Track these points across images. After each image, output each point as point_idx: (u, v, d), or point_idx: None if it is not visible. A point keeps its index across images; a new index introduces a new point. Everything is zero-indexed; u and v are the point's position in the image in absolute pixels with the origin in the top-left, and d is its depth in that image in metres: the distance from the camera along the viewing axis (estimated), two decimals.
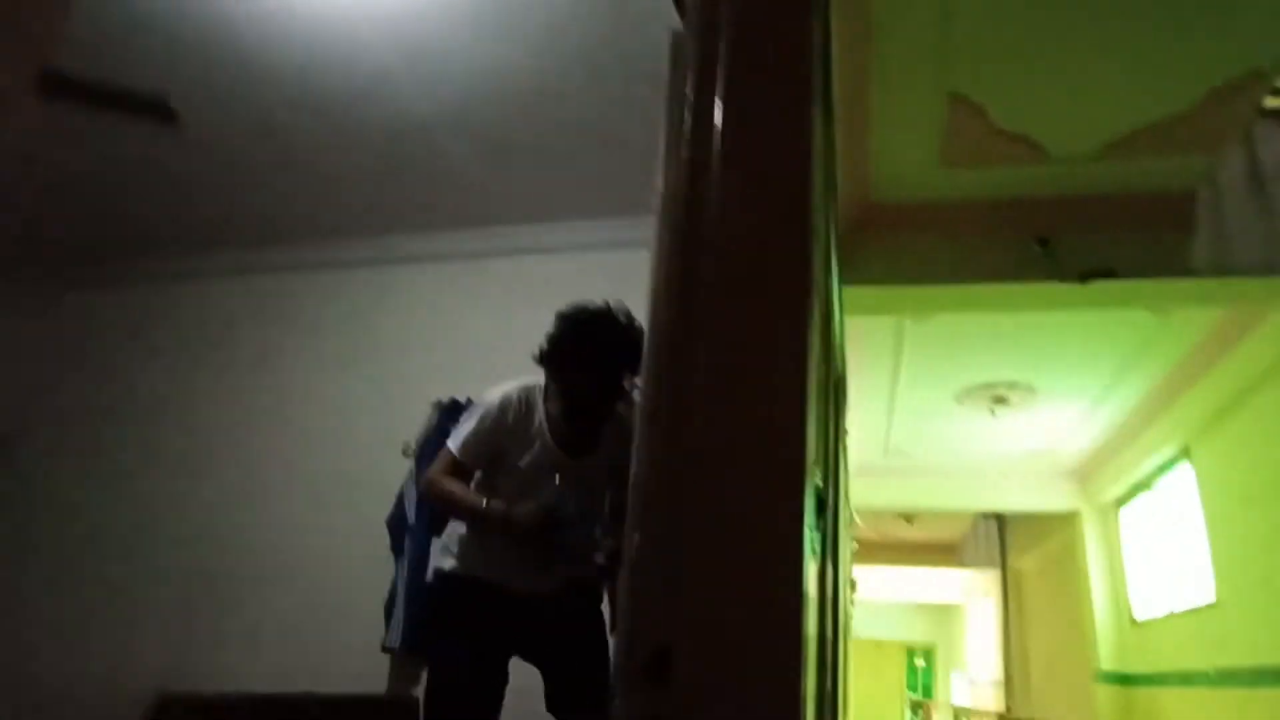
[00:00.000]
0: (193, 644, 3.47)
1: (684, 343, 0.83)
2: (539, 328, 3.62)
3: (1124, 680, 5.30)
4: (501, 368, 3.54)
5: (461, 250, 3.85)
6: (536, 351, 2.21)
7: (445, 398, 3.51)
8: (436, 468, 2.12)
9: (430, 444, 3.41)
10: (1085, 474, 5.77)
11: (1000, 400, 4.63)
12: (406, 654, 3.04)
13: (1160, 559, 4.95)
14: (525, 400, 2.19)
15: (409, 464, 3.42)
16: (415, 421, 3.52)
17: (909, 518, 7.39)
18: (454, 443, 2.12)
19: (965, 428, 5.11)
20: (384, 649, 3.09)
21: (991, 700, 7.55)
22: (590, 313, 2.21)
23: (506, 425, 2.12)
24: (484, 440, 2.10)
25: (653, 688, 0.73)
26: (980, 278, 2.96)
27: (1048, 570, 7.06)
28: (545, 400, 2.17)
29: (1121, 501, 5.49)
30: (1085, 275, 2.86)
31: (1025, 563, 7.67)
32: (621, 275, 3.50)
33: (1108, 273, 2.84)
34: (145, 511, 3.76)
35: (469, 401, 3.45)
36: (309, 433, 3.73)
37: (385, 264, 3.94)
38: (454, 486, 2.07)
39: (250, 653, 3.36)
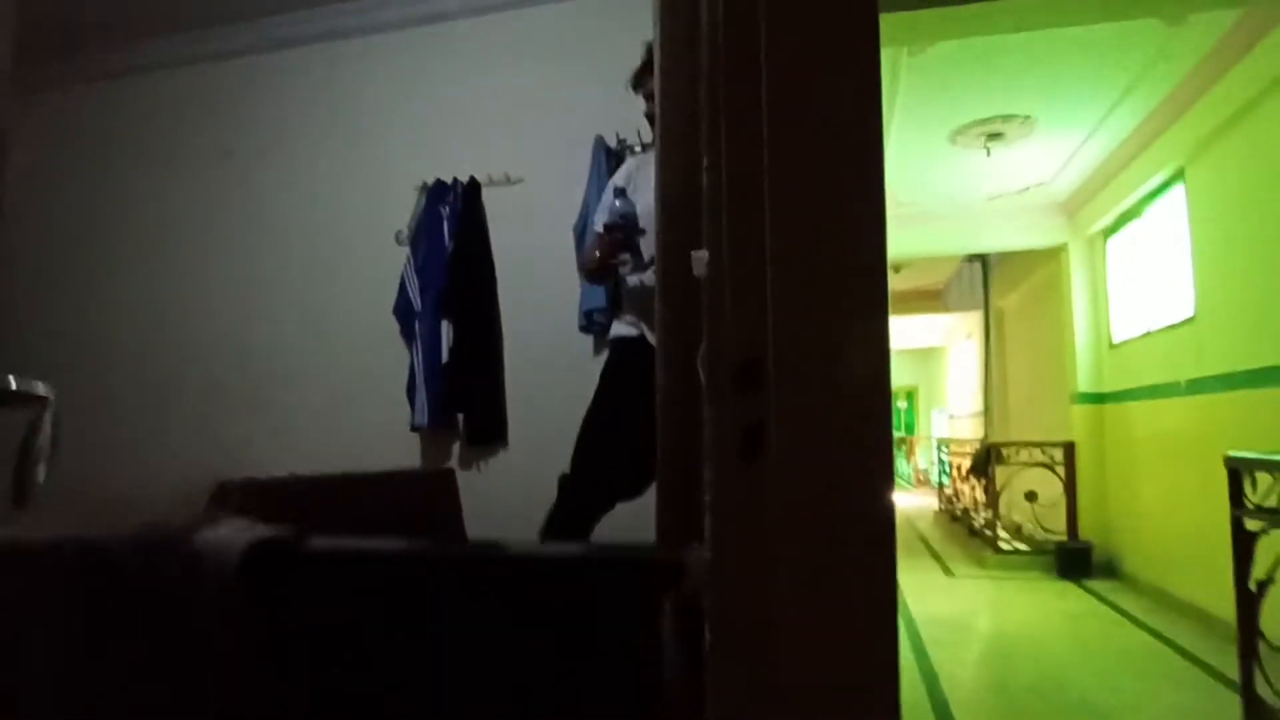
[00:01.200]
0: (221, 447, 3.60)
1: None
2: (522, 91, 3.41)
3: (1098, 399, 5.68)
4: (487, 140, 3.41)
5: (420, 14, 3.52)
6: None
7: (430, 179, 3.38)
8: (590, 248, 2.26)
9: (422, 229, 3.34)
10: (1074, 208, 5.79)
11: (996, 136, 4.51)
12: (434, 430, 3.19)
13: (1142, 284, 5.11)
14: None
15: (405, 251, 3.38)
16: (404, 208, 3.42)
17: (896, 267, 7.51)
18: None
19: (958, 169, 5.03)
20: (412, 429, 3.24)
21: (970, 429, 8.13)
22: None
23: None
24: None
25: (742, 396, 0.75)
26: None
27: (1029, 306, 7.31)
28: None
29: (1109, 232, 5.55)
30: None
31: (1007, 301, 7.93)
32: (606, 22, 3.25)
33: None
34: (152, 325, 3.74)
35: (454, 181, 3.34)
36: (301, 229, 3.63)
37: (342, 36, 3.61)
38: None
39: (282, 449, 3.51)
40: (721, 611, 0.76)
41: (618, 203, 2.16)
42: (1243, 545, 2.73)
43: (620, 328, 2.32)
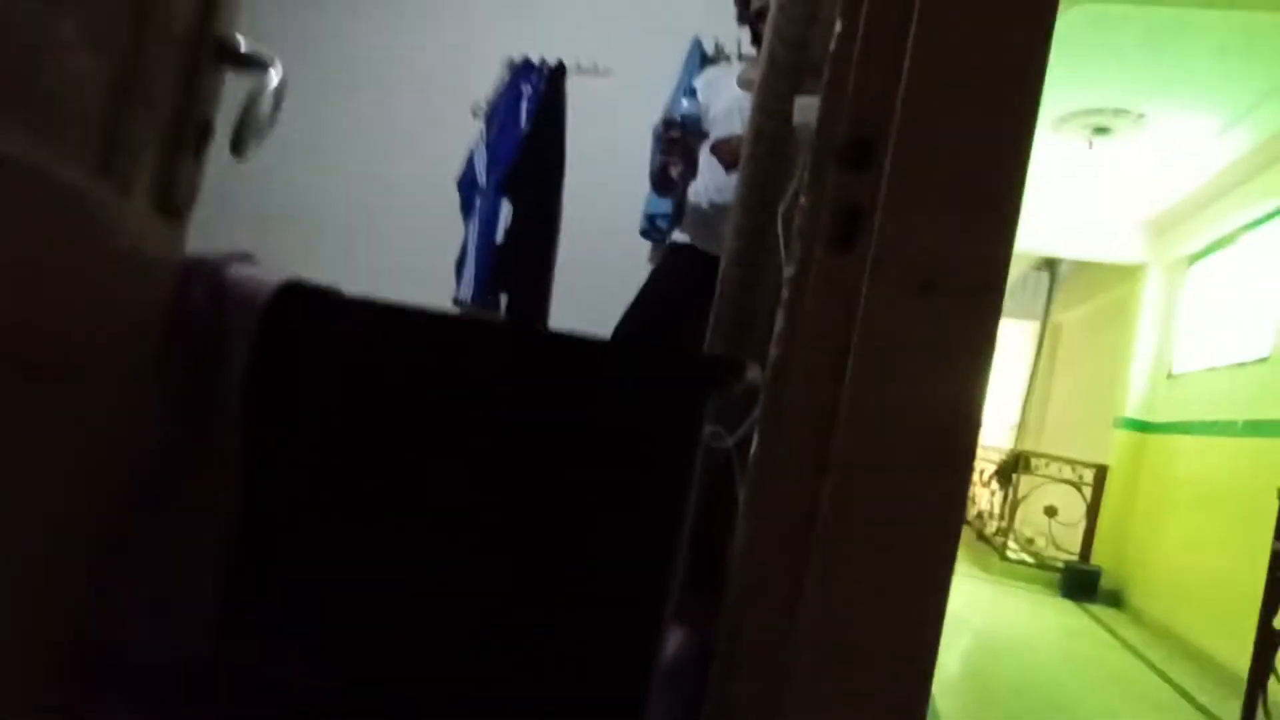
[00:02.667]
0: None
1: None
2: None
3: (1143, 427, 5.49)
4: (578, 26, 3.31)
5: None
6: None
7: (519, 56, 3.30)
8: None
9: (500, 105, 3.27)
10: (1164, 226, 5.52)
11: (1102, 130, 4.29)
12: (477, 306, 3.16)
13: (1218, 317, 4.88)
14: None
15: (479, 124, 3.31)
16: (487, 81, 3.34)
17: None
18: None
19: (1055, 160, 4.80)
20: (455, 302, 3.21)
21: (1004, 439, 7.96)
22: None
23: None
24: None
25: (850, 172, 0.68)
26: None
27: (1091, 324, 7.06)
28: None
29: (1196, 257, 5.30)
30: None
31: (1068, 316, 7.66)
32: None
33: None
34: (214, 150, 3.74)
35: (542, 62, 3.26)
36: (381, 89, 3.57)
37: None
38: None
39: None
40: (778, 413, 0.70)
41: (685, 102, 2.07)
42: (1277, 582, 2.62)
43: (680, 235, 2.27)
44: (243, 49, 0.76)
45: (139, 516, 0.91)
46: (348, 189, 3.52)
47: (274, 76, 0.73)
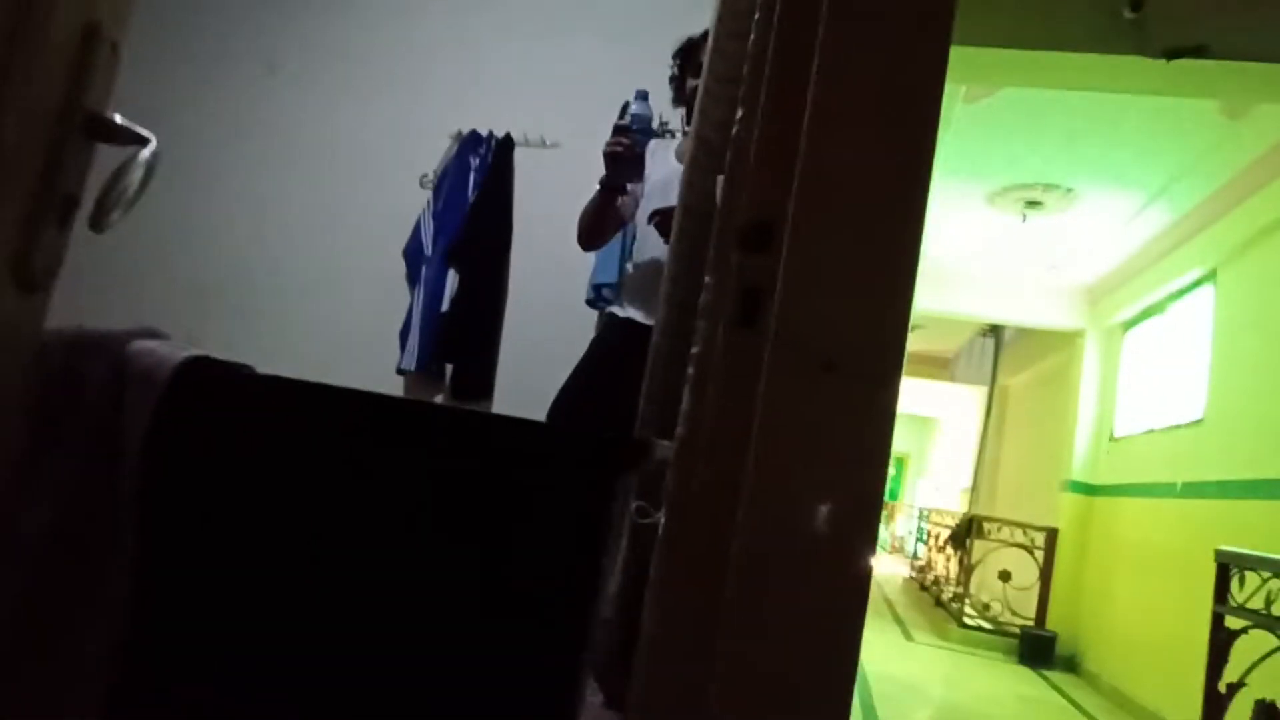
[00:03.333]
0: (201, 348, 3.51)
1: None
2: (571, 59, 3.39)
3: (1089, 490, 5.59)
4: (525, 99, 3.37)
5: None
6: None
7: (465, 129, 3.35)
8: None
9: (448, 175, 3.30)
10: (1099, 294, 5.74)
11: (1034, 204, 4.48)
12: (421, 376, 3.12)
13: (1154, 381, 5.04)
14: None
15: (427, 195, 3.33)
16: (434, 152, 3.38)
17: (912, 326, 7.46)
18: None
19: (990, 233, 5.00)
20: (399, 371, 3.17)
21: (956, 503, 8.02)
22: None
23: None
24: None
25: (750, 254, 0.69)
26: (1057, 45, 2.72)
27: (1036, 389, 7.24)
28: None
29: (1130, 324, 5.50)
30: (1171, 53, 2.63)
31: (1014, 381, 7.86)
32: (658, 6, 3.23)
33: (1197, 50, 2.61)
34: (155, 221, 3.68)
35: (490, 134, 3.31)
36: (325, 157, 3.57)
37: None
38: None
39: (263, 362, 3.43)
40: (682, 490, 0.69)
41: (634, 104, 2.11)
42: (1220, 645, 2.63)
43: (617, 307, 2.29)
44: (116, 123, 0.75)
45: (15, 620, 0.85)
46: (292, 258, 3.48)
47: (147, 151, 0.71)
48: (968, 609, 6.08)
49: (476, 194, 3.22)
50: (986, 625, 5.85)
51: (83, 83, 0.63)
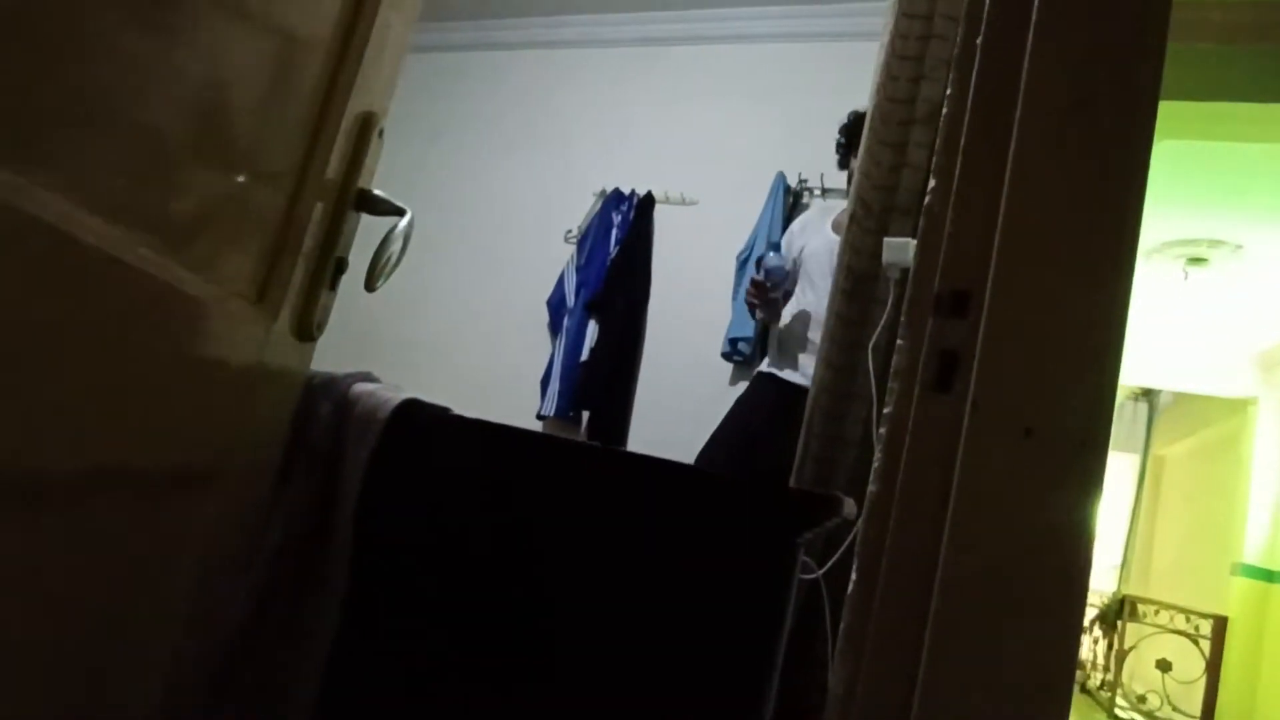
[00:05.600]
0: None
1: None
2: (713, 120, 3.51)
3: (1267, 576, 5.04)
4: (667, 159, 3.51)
5: (637, 35, 3.70)
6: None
7: (609, 187, 3.51)
8: None
9: (591, 231, 3.46)
10: (1274, 359, 5.25)
11: (1197, 261, 4.19)
12: (557, 421, 3.24)
13: None
14: None
15: (571, 249, 3.50)
16: (579, 209, 3.56)
17: None
18: None
19: (1148, 291, 4.69)
20: (538, 416, 3.30)
21: (1105, 580, 7.41)
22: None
23: None
24: None
25: (947, 319, 0.71)
26: (1227, 96, 2.59)
27: (1197, 459, 6.64)
28: None
29: None
30: None
31: (1171, 450, 7.24)
32: (808, 67, 3.30)
33: None
34: None
35: (632, 192, 3.46)
36: (477, 215, 3.83)
37: (558, 46, 3.85)
38: None
39: None
40: (876, 547, 0.70)
41: (771, 256, 2.20)
42: None
43: (767, 365, 2.31)
44: (380, 196, 0.86)
45: (250, 630, 0.95)
46: (445, 308, 3.72)
47: (404, 220, 0.82)
48: (1119, 700, 5.56)
49: (617, 249, 3.36)
50: (1140, 718, 5.33)
51: (358, 164, 0.74)
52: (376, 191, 0.81)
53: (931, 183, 0.77)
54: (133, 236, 0.48)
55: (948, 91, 0.81)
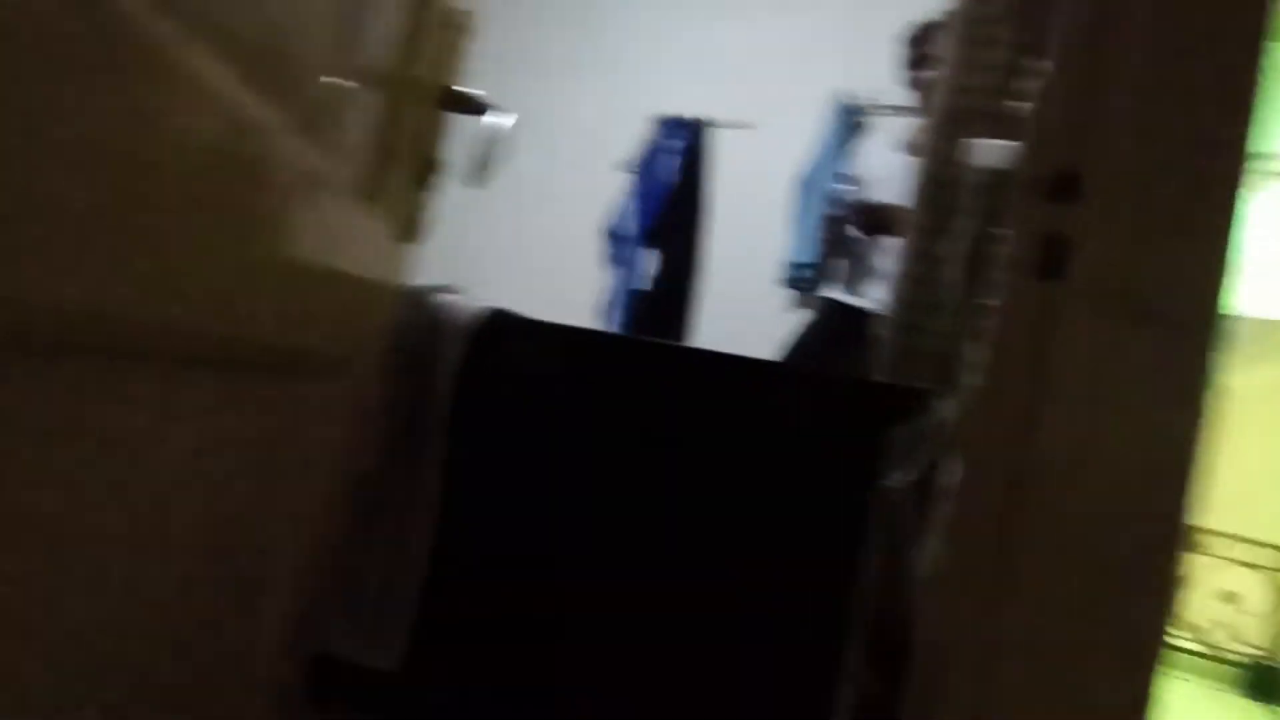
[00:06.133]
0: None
1: None
2: (770, 40, 3.40)
3: None
4: (726, 83, 3.42)
5: None
6: None
7: (665, 113, 3.44)
8: None
9: (647, 159, 3.41)
10: None
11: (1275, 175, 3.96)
12: None
13: None
14: None
15: (626, 177, 3.46)
16: (635, 137, 3.51)
17: None
18: None
19: None
20: None
21: None
22: None
23: None
24: None
25: (1056, 204, 0.69)
26: None
27: (1271, 388, 6.41)
28: None
29: None
30: None
31: (1240, 378, 6.99)
32: None
33: None
34: None
35: (689, 119, 3.39)
36: (532, 143, 3.78)
37: None
38: None
39: None
40: (977, 446, 0.71)
41: (844, 189, 2.15)
42: None
43: (832, 291, 2.28)
44: (469, 95, 0.86)
45: (354, 526, 1.00)
46: (501, 238, 3.74)
47: (503, 119, 0.82)
48: (1177, 632, 5.51)
49: (675, 176, 3.31)
50: (1200, 649, 5.28)
51: (449, 62, 0.74)
52: (468, 90, 0.81)
53: (1036, 69, 0.74)
54: (287, 121, 0.49)
55: None
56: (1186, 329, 0.64)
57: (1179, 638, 5.39)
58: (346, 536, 1.01)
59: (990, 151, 1.12)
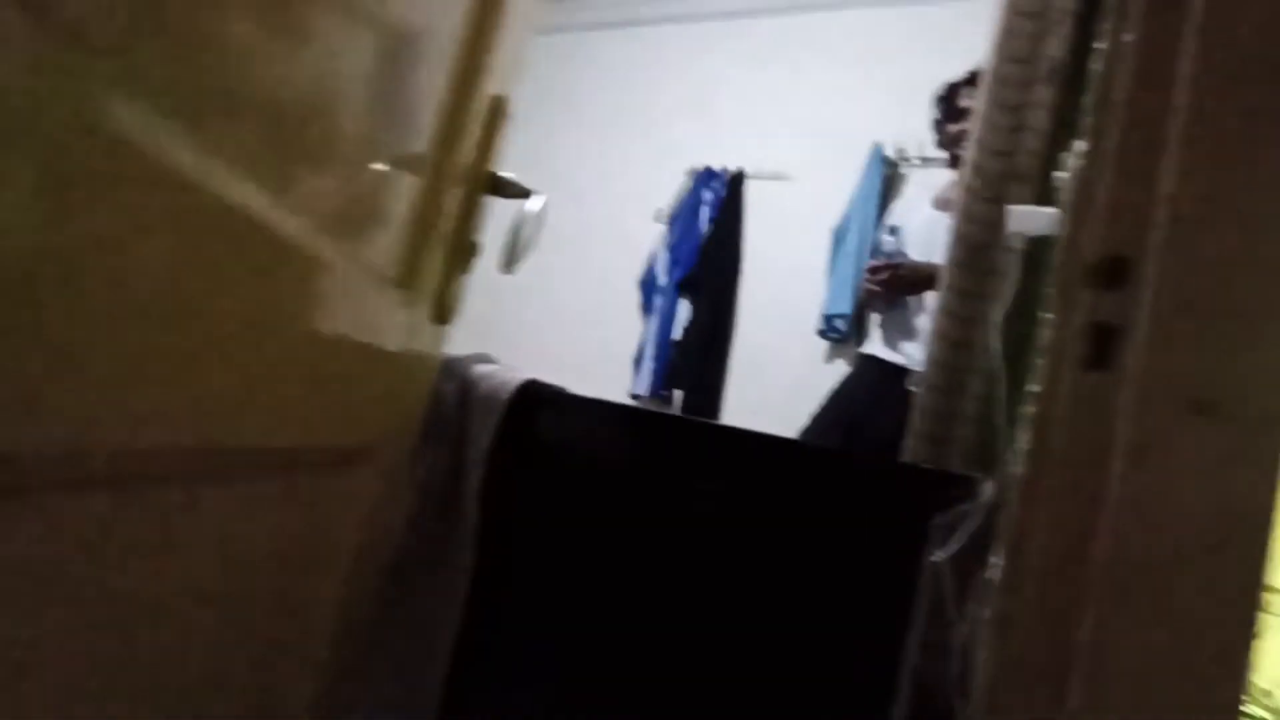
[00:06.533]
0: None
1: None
2: (804, 93, 3.42)
3: None
4: (759, 133, 3.44)
5: (724, 9, 3.63)
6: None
7: (700, 164, 3.47)
8: None
9: (683, 210, 3.44)
10: None
11: None
12: (650, 400, 3.26)
13: None
14: None
15: (662, 228, 3.49)
16: (671, 187, 3.54)
17: None
18: None
19: None
20: (631, 396, 3.32)
21: None
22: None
23: None
24: None
25: (1103, 291, 0.67)
26: None
27: None
28: None
29: None
30: None
31: None
32: (901, 33, 3.18)
33: None
34: None
35: (724, 170, 3.41)
36: (566, 192, 3.84)
37: (647, 24, 3.82)
38: None
39: None
40: (1027, 532, 0.67)
41: (887, 239, 2.13)
42: None
43: (869, 347, 2.24)
44: (509, 179, 0.87)
45: (382, 605, 0.99)
46: (539, 286, 3.77)
47: (537, 203, 0.82)
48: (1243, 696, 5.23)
49: (709, 227, 3.32)
50: (1267, 716, 5.00)
51: (490, 147, 0.75)
52: (506, 174, 0.82)
53: (1084, 144, 0.72)
54: (298, 219, 0.50)
55: (1094, 45, 0.76)
56: (1255, 425, 0.61)
57: (1255, 703, 5.12)
58: (375, 619, 1.00)
59: (1030, 218, 1.10)
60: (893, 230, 2.18)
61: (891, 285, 2.00)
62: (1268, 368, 0.61)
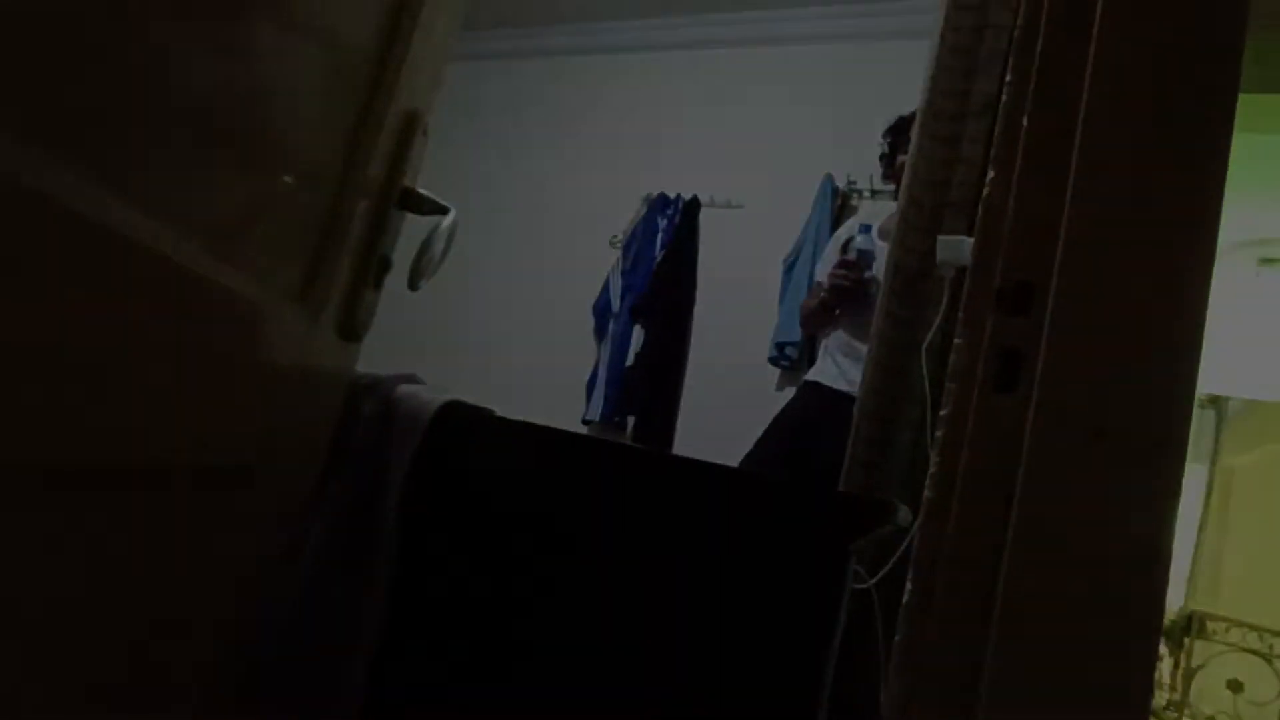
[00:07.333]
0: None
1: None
2: (759, 123, 3.47)
3: None
4: (715, 164, 3.48)
5: (681, 39, 3.68)
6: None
7: (654, 191, 3.49)
8: None
9: (637, 236, 3.45)
10: None
11: (1270, 261, 4.01)
12: (605, 426, 3.23)
13: None
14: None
15: (616, 254, 3.49)
16: (624, 214, 3.55)
17: None
18: None
19: (1217, 292, 4.50)
20: (584, 421, 3.30)
21: (1172, 595, 7.12)
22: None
23: None
24: None
25: (1009, 315, 0.67)
26: None
27: (1272, 470, 6.34)
28: None
29: None
30: None
31: (1242, 460, 6.92)
32: (854, 68, 3.25)
33: None
34: None
35: (677, 197, 3.44)
36: (519, 218, 3.84)
37: (601, 52, 3.86)
38: None
39: None
40: (933, 555, 0.67)
41: (860, 237, 2.10)
42: None
43: (814, 374, 2.23)
44: (424, 195, 0.86)
45: (289, 627, 0.96)
46: (490, 311, 3.74)
47: (447, 220, 0.81)
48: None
49: (663, 253, 3.34)
50: None
51: (402, 162, 0.74)
52: (421, 190, 0.80)
53: (990, 174, 0.73)
54: (174, 231, 0.48)
55: (1006, 80, 0.77)
56: (1147, 448, 0.61)
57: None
58: (285, 635, 0.96)
59: (957, 247, 1.12)
60: (865, 228, 2.14)
61: (855, 287, 1.99)
62: (1165, 395, 0.62)
